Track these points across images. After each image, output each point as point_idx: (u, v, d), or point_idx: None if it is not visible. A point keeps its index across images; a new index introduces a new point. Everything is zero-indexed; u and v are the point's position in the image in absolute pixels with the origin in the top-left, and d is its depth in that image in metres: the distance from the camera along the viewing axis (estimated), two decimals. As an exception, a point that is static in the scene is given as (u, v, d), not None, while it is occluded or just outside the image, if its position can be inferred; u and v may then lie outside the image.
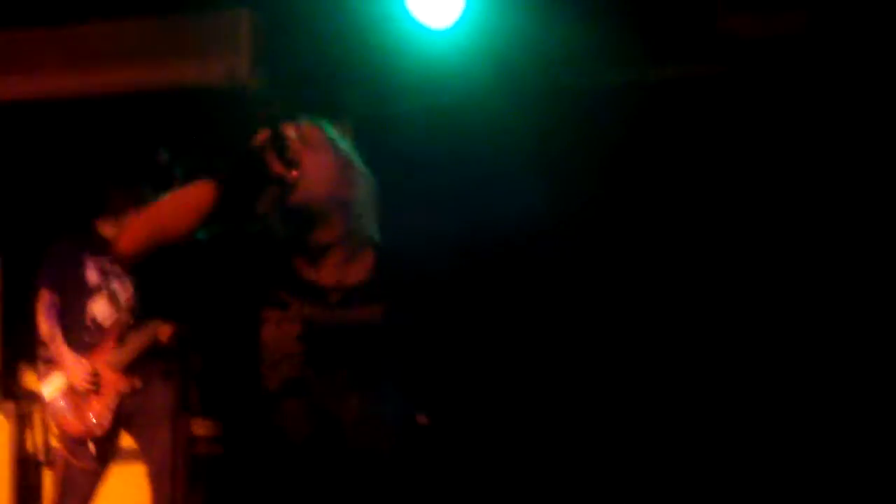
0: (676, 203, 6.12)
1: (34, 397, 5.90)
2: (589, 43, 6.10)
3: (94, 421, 5.69)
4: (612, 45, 6.09)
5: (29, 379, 6.37)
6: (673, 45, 6.07)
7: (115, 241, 4.17)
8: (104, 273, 5.80)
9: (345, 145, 4.27)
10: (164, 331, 5.77)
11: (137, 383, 5.80)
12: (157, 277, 5.72)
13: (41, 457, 6.17)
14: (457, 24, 6.14)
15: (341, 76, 6.62)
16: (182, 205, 4.01)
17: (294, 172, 4.03)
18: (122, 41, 6.87)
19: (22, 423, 6.41)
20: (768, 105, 6.01)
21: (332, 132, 4.39)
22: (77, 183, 6.61)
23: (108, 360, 5.72)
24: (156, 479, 5.73)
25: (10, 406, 6.52)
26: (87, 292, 5.80)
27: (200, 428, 6.38)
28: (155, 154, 5.43)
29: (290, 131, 4.28)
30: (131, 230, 4.12)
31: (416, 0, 6.22)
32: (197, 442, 6.39)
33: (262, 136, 4.22)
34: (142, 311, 5.85)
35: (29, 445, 6.32)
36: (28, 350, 6.07)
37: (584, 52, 6.13)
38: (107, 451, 5.78)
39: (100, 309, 5.79)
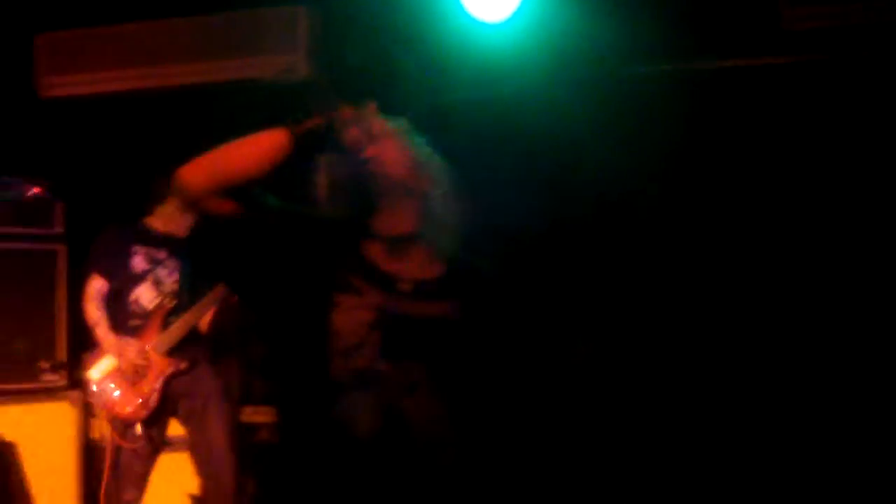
0: (737, 196, 6.07)
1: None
2: (647, 34, 6.08)
3: (141, 402, 5.78)
4: (671, 36, 6.07)
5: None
6: (733, 36, 6.01)
7: (179, 173, 4.05)
8: (151, 261, 5.92)
9: (423, 144, 4.14)
10: (209, 315, 5.81)
11: (183, 365, 5.94)
12: (221, 255, 5.78)
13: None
14: (512, 17, 6.13)
15: (396, 70, 6.67)
16: (252, 147, 3.93)
17: (370, 149, 3.98)
18: (179, 39, 6.97)
19: (88, 410, 6.49)
20: (832, 98, 5.92)
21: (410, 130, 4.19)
22: (135, 175, 6.67)
23: (153, 343, 5.83)
24: (205, 465, 5.81)
25: (76, 394, 6.62)
26: (133, 279, 5.97)
27: (262, 415, 6.44)
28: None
29: (372, 110, 4.24)
30: (197, 163, 3.98)
31: (471, -5, 6.17)
32: (258, 429, 6.45)
33: (345, 112, 4.13)
34: (198, 290, 5.91)
35: (95, 433, 6.38)
36: (90, 341, 6.13)
37: (641, 43, 6.12)
38: (155, 433, 5.90)
39: (145, 294, 5.91)
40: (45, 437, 6.59)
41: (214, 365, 6.02)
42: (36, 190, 6.86)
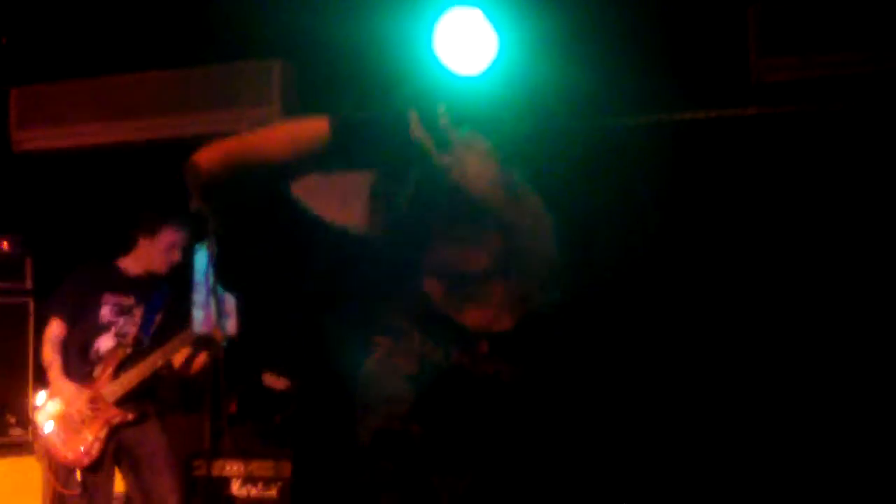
0: (715, 244, 6.09)
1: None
2: (621, 87, 6.15)
3: (83, 449, 5.70)
4: (645, 89, 6.12)
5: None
6: (706, 88, 6.06)
7: (193, 156, 3.15)
8: (118, 312, 5.86)
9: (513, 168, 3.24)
10: (165, 364, 5.74)
11: (130, 416, 5.88)
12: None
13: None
14: (487, 70, 6.16)
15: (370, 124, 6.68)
16: (284, 132, 3.00)
17: (446, 157, 2.99)
18: (154, 92, 6.99)
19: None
20: (803, 147, 5.98)
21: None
22: (105, 222, 6.65)
23: (103, 390, 5.74)
24: None
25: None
26: (98, 329, 5.95)
27: (233, 469, 6.36)
28: (186, 202, 5.46)
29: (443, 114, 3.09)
30: (216, 144, 3.02)
31: (445, 48, 6.19)
32: (226, 482, 6.36)
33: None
34: (168, 331, 5.83)
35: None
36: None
37: (616, 95, 6.19)
38: (95, 482, 5.85)
39: (105, 345, 5.83)
40: (11, 492, 6.50)
41: (165, 418, 5.94)
42: (5, 244, 6.81)
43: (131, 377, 5.89)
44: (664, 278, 6.22)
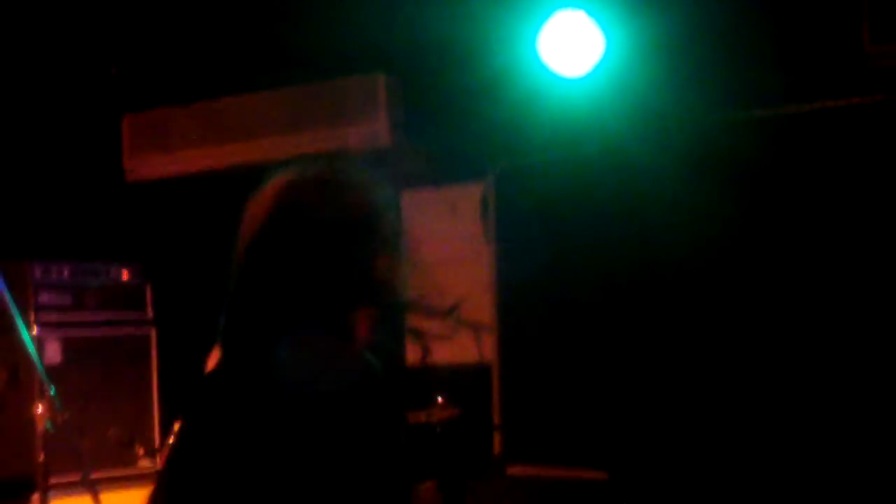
0: (827, 238, 5.92)
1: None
2: (730, 81, 6.04)
3: None
4: (754, 81, 5.99)
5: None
6: (819, 77, 5.87)
7: None
8: None
9: None
10: None
11: None
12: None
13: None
14: (592, 72, 6.07)
15: (479, 132, 6.66)
16: None
17: None
18: (260, 113, 7.05)
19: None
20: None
21: None
22: (222, 247, 6.64)
23: None
24: None
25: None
26: None
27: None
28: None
29: None
30: None
31: (550, 51, 6.12)
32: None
33: None
34: None
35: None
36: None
37: (724, 90, 6.07)
38: None
39: None
40: (141, 522, 6.53)
41: None
42: (125, 274, 6.88)
43: None
44: (770, 275, 6.05)
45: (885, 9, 5.55)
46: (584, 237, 6.48)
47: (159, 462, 6.52)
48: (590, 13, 6.10)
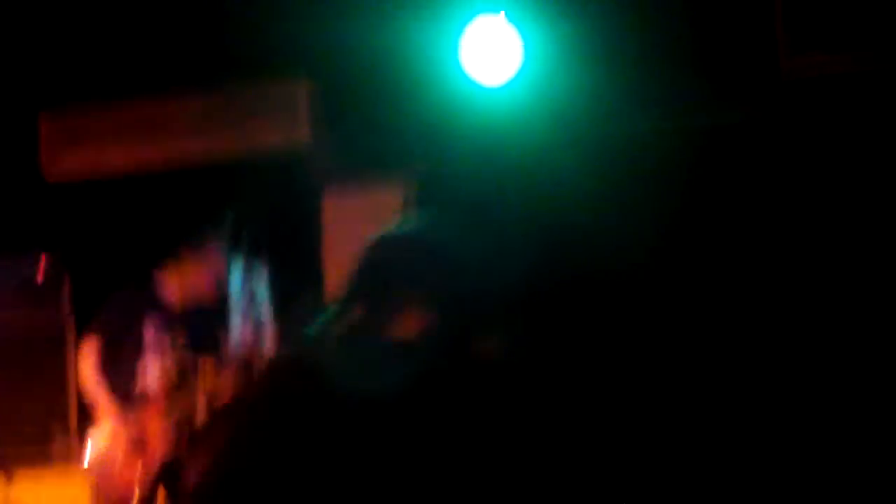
0: (744, 249, 6.06)
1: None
2: (648, 91, 6.18)
3: (135, 484, 5.63)
4: (673, 92, 6.12)
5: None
6: (736, 88, 6.01)
7: None
8: (161, 331, 5.78)
9: None
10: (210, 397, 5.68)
11: (182, 449, 5.75)
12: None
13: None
14: (512, 80, 6.16)
15: (399, 138, 6.72)
16: None
17: None
18: (181, 114, 7.06)
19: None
20: (835, 145, 5.93)
21: None
22: (138, 246, 6.67)
23: (155, 423, 5.65)
24: None
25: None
26: (141, 350, 5.76)
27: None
28: (222, 220, 5.51)
29: None
30: None
31: (471, 59, 6.20)
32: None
33: None
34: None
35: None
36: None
37: (643, 100, 6.22)
38: None
39: (151, 369, 5.75)
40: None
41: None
42: (42, 265, 6.84)
43: (183, 408, 5.85)
44: (692, 283, 6.19)
45: (799, 23, 5.71)
46: (503, 245, 6.55)
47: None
48: (510, 20, 6.18)
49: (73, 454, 6.67)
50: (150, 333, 5.89)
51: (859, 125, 5.92)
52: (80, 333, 6.76)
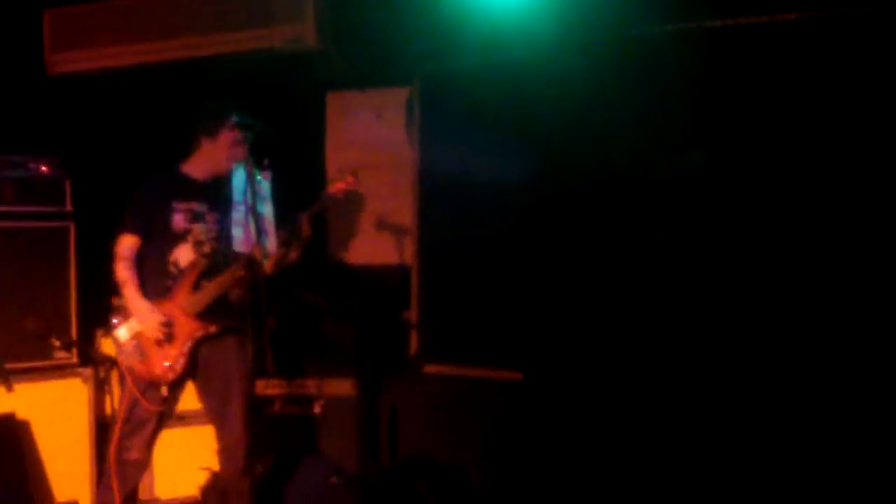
0: (747, 155, 6.06)
1: (110, 362, 5.86)
2: None
3: (168, 365, 5.82)
4: None
5: (104, 344, 6.43)
6: None
7: None
8: (192, 219, 5.84)
9: None
10: (240, 282, 5.70)
11: (212, 328, 5.88)
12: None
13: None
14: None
15: (405, 37, 6.70)
16: None
17: None
18: (185, 11, 7.06)
19: (100, 387, 6.45)
20: (835, 53, 5.91)
21: None
22: (145, 142, 6.64)
23: (183, 304, 5.74)
24: (222, 430, 5.73)
25: (88, 371, 6.69)
26: (173, 239, 5.95)
27: (274, 388, 6.41)
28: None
29: None
30: None
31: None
32: (272, 402, 6.43)
33: None
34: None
35: (107, 409, 6.32)
36: (102, 316, 6.10)
37: (646, 4, 6.11)
38: (176, 396, 5.99)
39: (184, 256, 5.85)
40: (57, 414, 6.74)
41: (240, 334, 5.87)
42: (44, 167, 6.83)
43: (212, 289, 5.90)
44: (694, 186, 6.18)
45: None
46: (509, 144, 6.56)
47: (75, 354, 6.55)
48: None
49: (71, 364, 6.73)
50: (179, 215, 5.88)
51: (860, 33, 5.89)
52: (81, 237, 6.80)
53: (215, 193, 5.96)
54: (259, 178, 5.53)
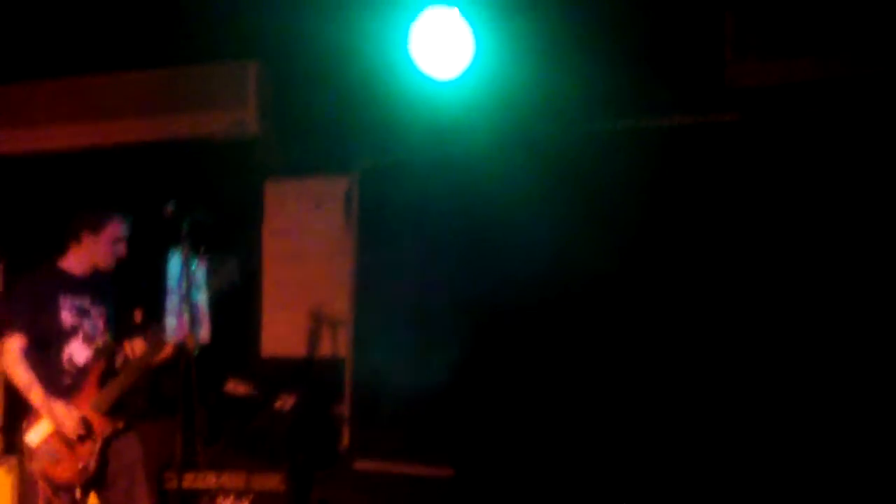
0: (687, 248, 6.11)
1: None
2: (596, 92, 6.32)
3: (82, 467, 5.72)
4: (620, 95, 6.24)
5: (31, 433, 6.32)
6: (681, 93, 6.12)
7: None
8: (78, 313, 5.75)
9: None
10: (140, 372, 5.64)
11: (120, 425, 5.85)
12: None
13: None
14: (463, 75, 6.14)
15: (347, 127, 6.72)
16: None
17: None
18: (129, 93, 7.08)
19: (24, 476, 6.29)
20: (779, 152, 6.01)
21: None
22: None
23: (92, 403, 5.64)
24: None
25: (12, 461, 6.53)
26: (63, 335, 5.79)
27: (204, 481, 6.31)
28: (162, 206, 5.45)
29: None
30: None
31: (422, 53, 6.16)
32: (201, 496, 6.33)
33: None
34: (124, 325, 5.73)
35: (30, 500, 6.20)
36: (29, 405, 5.98)
37: (591, 100, 6.35)
38: (86, 498, 5.86)
39: (78, 352, 5.74)
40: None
41: (137, 428, 5.82)
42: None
43: (118, 385, 5.83)
44: (642, 282, 6.21)
45: (747, 30, 5.76)
46: (446, 237, 6.57)
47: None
48: (462, 13, 6.17)
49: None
50: (68, 316, 5.80)
51: (806, 133, 5.98)
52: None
53: (97, 287, 5.91)
54: (194, 265, 5.49)
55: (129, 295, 5.97)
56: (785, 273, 6.05)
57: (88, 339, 5.84)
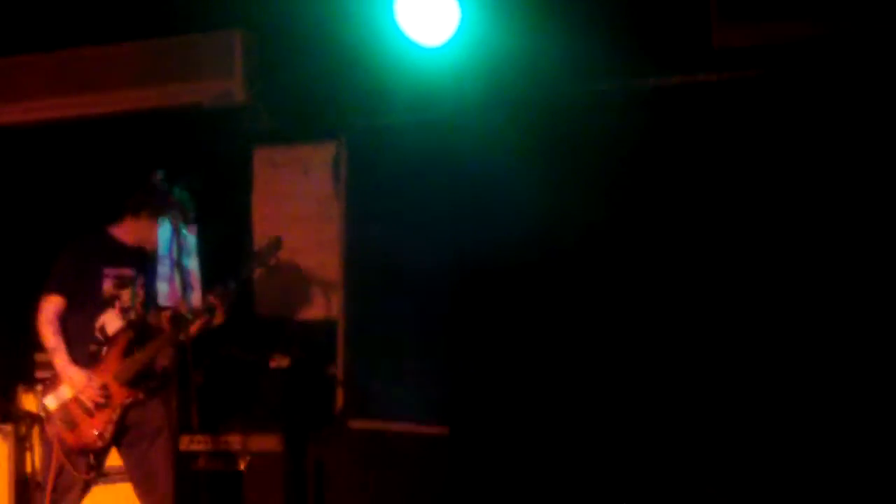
0: (673, 213, 6.24)
1: (31, 418, 5.81)
2: (582, 56, 6.44)
3: (97, 434, 5.72)
4: (606, 57, 6.34)
5: (26, 400, 6.36)
6: (667, 55, 6.22)
7: None
8: (120, 285, 5.79)
9: None
10: (167, 346, 5.69)
11: (140, 396, 5.87)
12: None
13: (39, 477, 6.08)
14: (450, 41, 6.18)
15: (334, 93, 6.76)
16: None
17: None
18: (116, 64, 7.08)
19: (20, 444, 6.38)
20: (764, 113, 6.14)
21: None
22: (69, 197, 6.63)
23: (114, 372, 5.69)
24: (146, 496, 5.70)
25: (8, 428, 6.61)
26: (101, 304, 5.91)
27: (199, 444, 6.39)
28: (150, 174, 5.49)
29: None
30: None
31: (408, 19, 6.20)
32: (196, 457, 6.40)
33: None
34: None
35: (27, 466, 6.26)
36: (25, 372, 6.05)
37: (577, 64, 6.47)
38: (102, 462, 5.96)
39: (112, 322, 5.81)
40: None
41: (164, 395, 5.85)
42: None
43: (143, 357, 5.88)
44: (629, 242, 6.28)
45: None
46: (433, 199, 6.63)
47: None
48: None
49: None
50: (108, 281, 5.84)
51: (794, 92, 6.06)
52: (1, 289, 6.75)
53: (144, 257, 5.96)
54: (185, 232, 5.55)
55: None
56: (771, 231, 6.17)
57: (124, 311, 5.88)
